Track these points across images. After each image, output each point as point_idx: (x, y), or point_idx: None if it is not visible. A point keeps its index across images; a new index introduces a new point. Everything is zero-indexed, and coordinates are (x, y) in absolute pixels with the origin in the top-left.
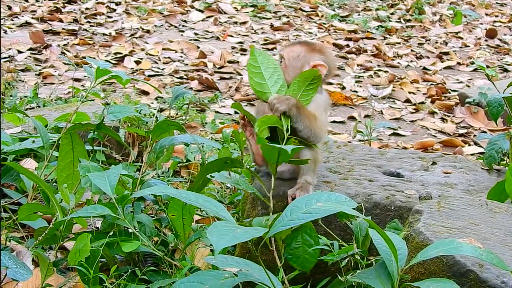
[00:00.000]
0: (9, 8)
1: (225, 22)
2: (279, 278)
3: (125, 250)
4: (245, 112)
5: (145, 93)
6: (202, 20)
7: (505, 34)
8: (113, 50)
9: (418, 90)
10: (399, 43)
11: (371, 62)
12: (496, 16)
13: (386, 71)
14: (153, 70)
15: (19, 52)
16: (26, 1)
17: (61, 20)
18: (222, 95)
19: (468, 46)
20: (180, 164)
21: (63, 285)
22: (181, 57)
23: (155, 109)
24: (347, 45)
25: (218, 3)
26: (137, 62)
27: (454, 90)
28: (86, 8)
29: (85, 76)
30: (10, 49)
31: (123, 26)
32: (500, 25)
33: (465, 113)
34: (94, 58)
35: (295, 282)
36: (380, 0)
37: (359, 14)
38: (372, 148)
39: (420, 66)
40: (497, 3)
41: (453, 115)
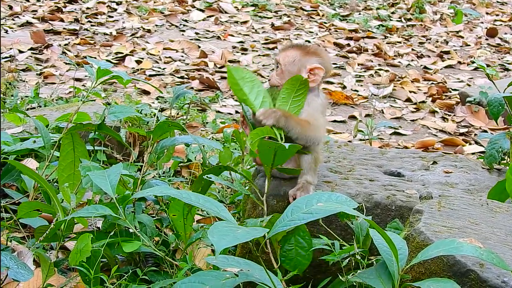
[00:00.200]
0: (10, 7)
1: (226, 21)
2: (279, 279)
3: (126, 250)
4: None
5: (146, 93)
6: (203, 20)
7: (505, 33)
8: (114, 50)
9: (419, 89)
10: (400, 42)
11: (371, 61)
12: (497, 15)
13: (387, 70)
14: (154, 70)
15: (20, 51)
16: (27, 0)
17: (62, 20)
18: (223, 95)
19: (469, 45)
20: (181, 164)
21: (64, 285)
22: (182, 56)
23: (156, 109)
24: (348, 44)
25: (219, 2)
26: (138, 62)
27: (455, 89)
28: (87, 8)
29: (86, 76)
30: (11, 48)
31: (124, 26)
32: (501, 24)
33: (466, 112)
34: (95, 57)
35: (296, 282)
36: None
37: (359, 13)
38: (373, 148)
39: (421, 65)
40: (497, 2)
41: (454, 114)
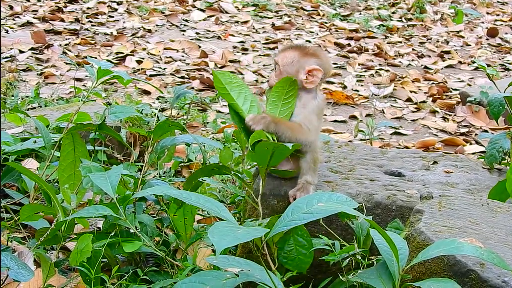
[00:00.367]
0: (11, 7)
1: (226, 21)
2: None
3: (126, 251)
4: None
5: (147, 93)
6: (204, 20)
7: (506, 33)
8: (114, 50)
9: (420, 89)
10: (400, 42)
11: (372, 61)
12: (497, 15)
13: (388, 70)
14: (154, 70)
15: (21, 52)
16: (28, 0)
17: (62, 20)
18: None
19: (470, 45)
20: (182, 164)
21: (65, 286)
22: (183, 56)
23: (156, 109)
24: (349, 44)
25: (220, 2)
26: (139, 62)
27: (456, 89)
28: (88, 8)
29: (86, 76)
30: (11, 48)
31: (125, 26)
32: (501, 24)
33: (467, 112)
34: (95, 57)
35: (296, 282)
36: None
37: (360, 13)
38: (373, 148)
39: (422, 65)
40: (498, 2)
41: (455, 114)
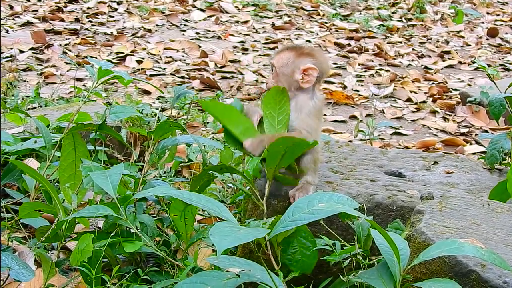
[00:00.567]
0: (11, 7)
1: (226, 21)
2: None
3: (127, 250)
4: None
5: (147, 93)
6: (204, 20)
7: (506, 33)
8: (114, 50)
9: (420, 89)
10: (401, 42)
11: (372, 61)
12: (498, 15)
13: (388, 70)
14: (154, 70)
15: (21, 51)
16: (28, 0)
17: (62, 20)
18: (223, 95)
19: (470, 45)
20: (182, 164)
21: (66, 286)
22: (183, 56)
23: (157, 109)
24: (349, 44)
25: (220, 2)
26: (139, 62)
27: (456, 89)
28: (88, 8)
29: (86, 76)
30: (12, 48)
31: (125, 26)
32: (502, 24)
33: (467, 112)
34: (95, 57)
35: (297, 283)
36: None
37: (360, 13)
38: (374, 148)
39: (422, 65)
40: (498, 2)
41: (455, 114)
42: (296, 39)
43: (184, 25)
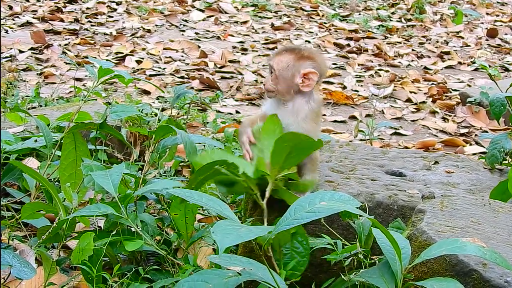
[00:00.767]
0: (10, 8)
1: (225, 21)
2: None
3: (128, 249)
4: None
5: (147, 93)
6: (203, 20)
7: (506, 34)
8: (114, 50)
9: (419, 90)
10: (400, 43)
11: (372, 61)
12: (497, 16)
13: (387, 71)
14: (154, 70)
15: (21, 51)
16: (27, 0)
17: (62, 20)
18: (223, 95)
19: (469, 46)
20: (182, 163)
21: (66, 284)
22: (182, 56)
23: (157, 109)
24: (348, 45)
25: (219, 2)
26: (138, 62)
27: (455, 90)
28: (87, 8)
29: (86, 76)
30: (11, 48)
31: (124, 26)
32: (501, 25)
33: (466, 112)
34: (95, 57)
35: (298, 282)
36: None
37: (359, 14)
38: (374, 148)
39: (421, 65)
40: (497, 2)
41: (454, 114)
42: (296, 39)
43: (184, 25)
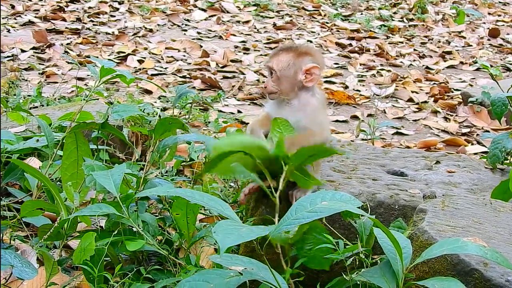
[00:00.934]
0: (12, 7)
1: (228, 21)
2: (285, 280)
3: (129, 249)
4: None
5: (148, 92)
6: (205, 19)
7: (508, 34)
8: (116, 49)
9: (421, 89)
10: (402, 42)
11: (373, 61)
12: (499, 16)
13: (389, 70)
14: (156, 69)
15: (23, 51)
16: (30, 0)
17: (64, 19)
18: (225, 94)
19: (471, 46)
20: (184, 163)
21: (68, 284)
22: (184, 56)
23: (158, 108)
24: (350, 44)
25: (221, 2)
26: (140, 61)
27: (457, 89)
28: (89, 7)
29: (88, 75)
30: (13, 48)
31: (126, 25)
32: (503, 25)
33: (468, 112)
34: (97, 57)
35: (300, 282)
36: None
37: (361, 13)
38: (376, 147)
39: (423, 65)
40: (500, 2)
41: (456, 114)
42: (298, 39)
43: (186, 24)
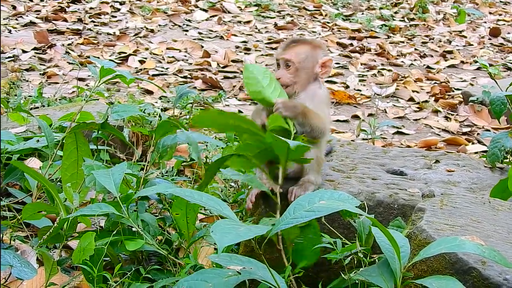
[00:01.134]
0: (14, 7)
1: (229, 21)
2: (285, 277)
3: (129, 249)
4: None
5: (149, 92)
6: (206, 20)
7: (508, 33)
8: (117, 50)
9: (422, 89)
10: (403, 42)
11: (374, 61)
12: (500, 15)
13: (390, 70)
14: (157, 70)
15: (24, 51)
16: (31, 0)
17: (65, 20)
18: (226, 94)
19: (472, 45)
20: (184, 163)
21: (67, 284)
22: (185, 56)
23: (159, 109)
24: (351, 44)
25: (222, 2)
26: (141, 62)
27: (458, 89)
28: (91, 8)
29: (89, 76)
30: (14, 48)
31: (127, 26)
32: (504, 24)
33: (469, 111)
34: (98, 57)
35: (299, 281)
36: None
37: (362, 13)
38: (376, 147)
39: (424, 64)
40: (500, 1)
41: (457, 113)
42: (299, 37)
43: (187, 25)
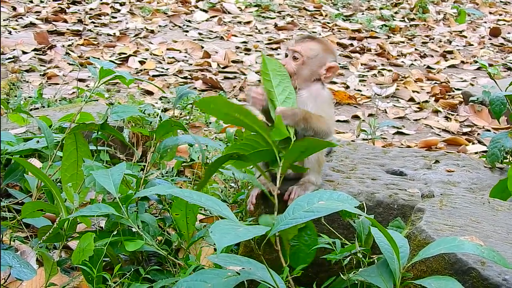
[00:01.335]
0: (14, 9)
1: (229, 22)
2: (283, 277)
3: (129, 249)
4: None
5: (149, 93)
6: (206, 20)
7: (509, 33)
8: (117, 51)
9: (422, 89)
10: (403, 42)
11: (375, 61)
12: (500, 15)
13: (390, 70)
14: (157, 70)
15: (24, 52)
16: (31, 1)
17: (65, 21)
18: (226, 95)
19: (472, 45)
20: (184, 164)
21: (67, 284)
22: (185, 57)
23: (159, 109)
24: (351, 44)
25: (222, 3)
26: (142, 62)
27: (458, 89)
28: (91, 9)
29: (89, 77)
30: (14, 49)
31: (128, 27)
32: (504, 24)
33: (469, 111)
34: (98, 58)
35: (298, 282)
36: None
37: (363, 13)
38: (375, 147)
39: (424, 65)
40: (501, 1)
41: (457, 113)
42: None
43: (187, 25)
